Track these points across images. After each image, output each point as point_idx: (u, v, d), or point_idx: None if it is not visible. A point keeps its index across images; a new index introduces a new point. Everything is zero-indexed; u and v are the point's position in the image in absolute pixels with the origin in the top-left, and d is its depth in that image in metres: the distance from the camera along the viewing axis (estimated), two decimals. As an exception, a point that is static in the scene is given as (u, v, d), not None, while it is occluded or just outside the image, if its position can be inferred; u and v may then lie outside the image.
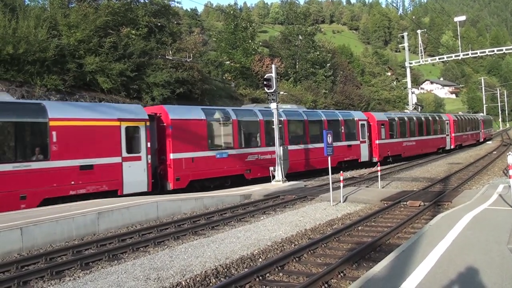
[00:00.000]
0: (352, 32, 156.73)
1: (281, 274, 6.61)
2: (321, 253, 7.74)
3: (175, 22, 33.64)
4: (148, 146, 14.70)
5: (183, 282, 6.31)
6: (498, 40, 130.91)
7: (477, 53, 43.12)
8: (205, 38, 50.36)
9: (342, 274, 6.41)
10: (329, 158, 13.27)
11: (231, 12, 51.28)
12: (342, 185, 13.27)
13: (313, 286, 5.82)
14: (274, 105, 17.75)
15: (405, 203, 12.05)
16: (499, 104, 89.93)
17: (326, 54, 55.20)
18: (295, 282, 6.26)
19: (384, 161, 26.04)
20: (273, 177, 17.74)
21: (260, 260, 7.46)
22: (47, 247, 8.83)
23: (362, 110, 41.82)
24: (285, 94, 38.59)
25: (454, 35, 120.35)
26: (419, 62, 45.38)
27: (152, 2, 30.16)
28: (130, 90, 24.12)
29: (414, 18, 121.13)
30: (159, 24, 28.95)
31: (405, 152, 29.02)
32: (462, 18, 50.93)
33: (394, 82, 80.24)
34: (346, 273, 6.52)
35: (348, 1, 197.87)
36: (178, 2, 42.17)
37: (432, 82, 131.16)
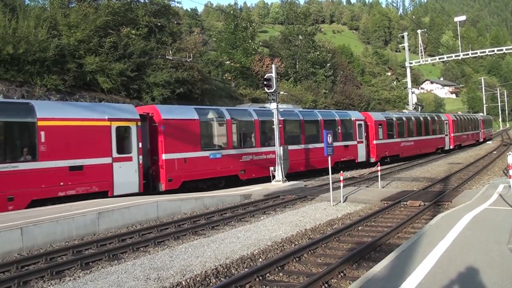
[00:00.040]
0: (352, 32, 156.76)
1: (281, 274, 6.61)
2: (321, 253, 7.74)
3: (175, 22, 33.64)
4: (139, 146, 14.44)
5: (183, 282, 6.31)
6: (498, 40, 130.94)
7: (477, 53, 43.14)
8: (205, 38, 50.39)
9: (342, 274, 6.42)
10: (329, 158, 13.28)
11: (231, 12, 51.24)
12: (342, 185, 13.27)
13: (313, 286, 5.82)
14: (274, 105, 17.72)
15: (405, 203, 12.06)
16: (499, 104, 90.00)
17: (326, 54, 55.21)
18: (295, 282, 6.26)
19: (381, 161, 25.79)
20: (273, 177, 17.71)
21: (260, 260, 7.46)
22: (47, 247, 8.83)
23: (362, 110, 41.84)
24: (285, 94, 38.59)
25: (454, 35, 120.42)
26: (419, 62, 45.41)
27: (152, 2, 30.16)
28: (130, 90, 24.13)
29: (414, 18, 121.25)
30: (159, 24, 28.96)
31: (403, 152, 28.82)
32: (462, 18, 50.99)
33: (394, 82, 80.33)
34: (346, 273, 6.52)
35: (348, 1, 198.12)
36: (178, 2, 42.12)
37: (432, 82, 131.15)
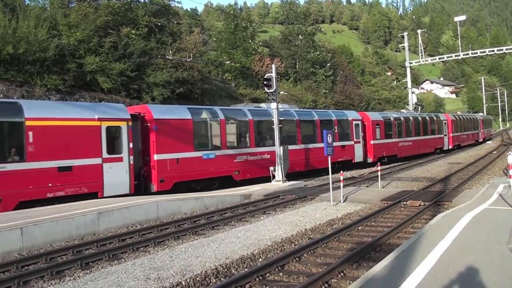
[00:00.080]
0: (352, 32, 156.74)
1: (281, 274, 6.61)
2: (321, 253, 7.74)
3: (175, 22, 33.65)
4: (130, 146, 14.16)
5: (183, 282, 6.31)
6: (498, 39, 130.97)
7: (477, 53, 43.11)
8: (205, 38, 50.36)
9: (342, 274, 6.42)
10: (329, 158, 13.28)
11: (231, 12, 51.23)
12: (342, 185, 13.27)
13: (313, 286, 5.82)
14: (274, 105, 17.72)
15: (405, 203, 12.06)
16: (499, 104, 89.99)
17: (326, 54, 55.22)
18: (295, 282, 6.26)
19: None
20: (273, 177, 17.71)
21: (260, 260, 7.46)
22: (47, 247, 8.84)
23: (362, 110, 41.82)
24: (285, 94, 38.60)
25: (454, 35, 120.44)
26: (419, 62, 45.39)
27: (152, 2, 30.16)
28: (130, 90, 24.12)
29: (414, 18, 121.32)
30: (159, 24, 28.96)
31: (401, 152, 28.56)
32: (462, 18, 50.98)
33: (394, 82, 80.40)
34: (346, 273, 6.53)
35: (348, 1, 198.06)
36: (178, 2, 42.07)
37: (432, 82, 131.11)
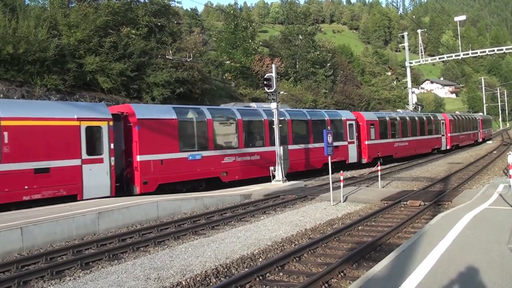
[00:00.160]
0: (352, 31, 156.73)
1: (281, 274, 6.61)
2: (321, 252, 7.74)
3: (175, 22, 33.64)
4: (111, 147, 13.71)
5: (183, 282, 6.31)
6: (498, 39, 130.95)
7: (477, 52, 43.11)
8: (205, 38, 50.36)
9: (342, 274, 6.42)
10: (329, 158, 13.28)
11: (231, 12, 51.26)
12: (342, 184, 13.26)
13: (313, 285, 5.82)
14: (274, 104, 17.69)
15: (405, 203, 12.05)
16: (499, 103, 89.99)
17: (326, 53, 55.23)
18: (296, 282, 6.26)
19: (374, 162, 25.04)
20: (273, 176, 17.71)
21: (260, 259, 7.46)
22: (47, 247, 8.84)
23: (362, 110, 41.82)
24: (285, 94, 38.60)
25: (454, 35, 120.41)
26: (419, 61, 45.38)
27: (152, 2, 30.15)
28: (130, 90, 24.14)
29: (414, 17, 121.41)
30: (159, 24, 28.96)
31: (397, 153, 28.14)
32: (462, 17, 51.00)
33: (394, 82, 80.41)
34: (346, 272, 6.52)
35: (348, 0, 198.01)
36: (178, 2, 42.10)
37: (432, 82, 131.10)
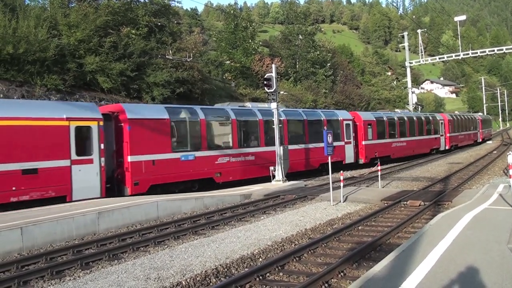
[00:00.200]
0: (352, 31, 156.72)
1: (281, 274, 6.61)
2: (321, 252, 7.74)
3: (175, 21, 33.63)
4: (101, 147, 13.49)
5: (183, 282, 6.31)
6: (498, 39, 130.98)
7: (477, 52, 43.12)
8: (205, 38, 50.35)
9: (342, 274, 6.42)
10: (329, 158, 13.28)
11: (231, 11, 51.24)
12: (342, 184, 13.26)
13: (313, 285, 5.81)
14: (274, 104, 17.71)
15: (405, 203, 12.05)
16: (499, 103, 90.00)
17: (326, 53, 55.20)
18: (296, 282, 6.26)
19: (371, 163, 24.96)
20: (273, 176, 17.72)
21: (260, 259, 7.46)
22: (47, 247, 8.84)
23: (362, 110, 41.81)
24: (285, 94, 38.59)
25: (454, 35, 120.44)
26: (419, 61, 45.41)
27: (152, 1, 30.13)
28: (130, 90, 24.12)
29: (414, 17, 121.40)
30: (159, 23, 28.94)
31: (394, 153, 27.93)
32: (462, 17, 50.98)
33: (394, 82, 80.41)
34: (347, 272, 6.52)
35: (348, 0, 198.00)
36: (178, 2, 42.02)
37: (432, 82, 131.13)
